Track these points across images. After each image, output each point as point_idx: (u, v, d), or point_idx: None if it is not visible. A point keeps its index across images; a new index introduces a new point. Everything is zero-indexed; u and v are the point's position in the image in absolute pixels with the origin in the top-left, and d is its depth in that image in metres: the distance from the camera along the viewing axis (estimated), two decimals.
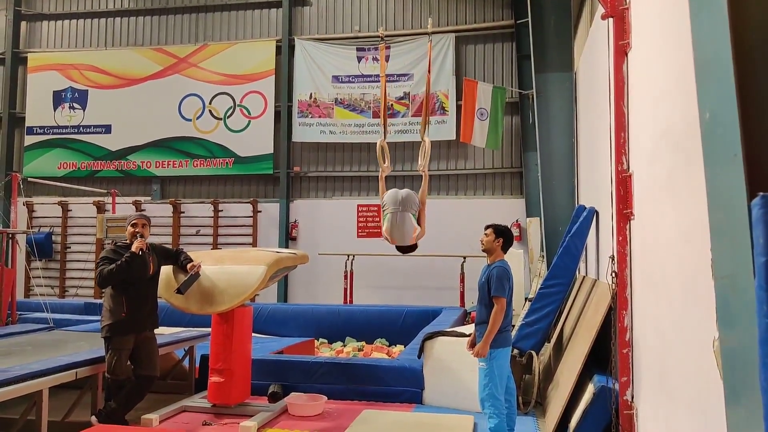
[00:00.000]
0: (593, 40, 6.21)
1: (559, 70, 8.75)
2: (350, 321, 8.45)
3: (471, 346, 4.21)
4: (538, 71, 9.10)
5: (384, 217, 4.62)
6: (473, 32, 11.76)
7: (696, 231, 2.50)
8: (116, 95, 12.83)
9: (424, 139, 5.05)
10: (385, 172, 5.04)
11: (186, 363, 5.72)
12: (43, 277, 11.51)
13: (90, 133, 12.90)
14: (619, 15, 3.95)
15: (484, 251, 4.24)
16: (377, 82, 11.65)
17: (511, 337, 4.24)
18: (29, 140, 13.11)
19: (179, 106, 12.59)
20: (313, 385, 5.42)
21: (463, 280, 9.96)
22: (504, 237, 4.18)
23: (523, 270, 8.62)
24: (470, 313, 8.41)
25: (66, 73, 13.06)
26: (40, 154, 13.05)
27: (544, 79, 9.00)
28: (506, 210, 10.93)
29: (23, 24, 13.54)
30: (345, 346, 7.92)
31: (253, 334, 5.55)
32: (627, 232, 3.97)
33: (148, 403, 4.90)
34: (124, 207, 11.47)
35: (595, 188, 6.14)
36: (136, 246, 4.40)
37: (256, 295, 5.74)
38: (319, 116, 12.03)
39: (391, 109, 11.65)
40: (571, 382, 4.50)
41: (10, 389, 3.63)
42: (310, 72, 12.12)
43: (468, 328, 5.59)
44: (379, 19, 12.04)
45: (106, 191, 11.21)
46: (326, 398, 5.14)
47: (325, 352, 7.77)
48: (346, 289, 10.43)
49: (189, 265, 4.70)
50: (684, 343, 2.76)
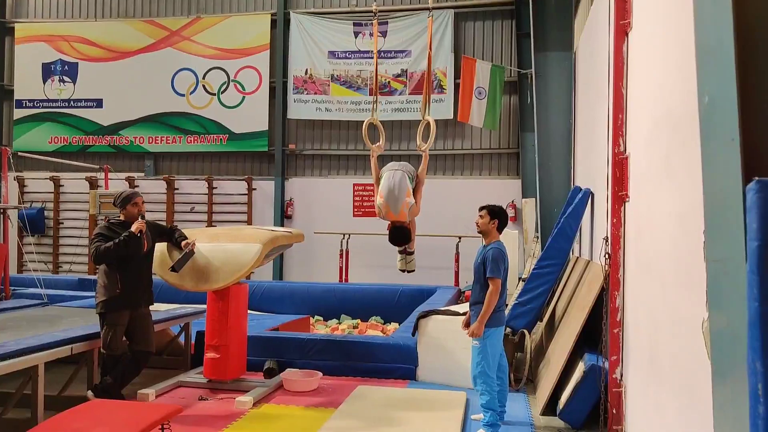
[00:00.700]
0: (594, 19, 6.14)
1: (558, 50, 8.66)
2: (345, 299, 8.51)
3: (466, 325, 4.26)
4: (538, 50, 9.00)
5: (380, 183, 4.58)
6: (473, 9, 11.59)
7: (689, 214, 2.51)
8: (107, 68, 12.61)
9: (426, 118, 4.94)
10: (377, 152, 4.93)
11: (182, 339, 5.76)
12: (36, 253, 11.46)
13: (81, 107, 12.72)
14: None
15: (479, 233, 4.26)
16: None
17: (505, 317, 4.29)
18: (18, 114, 12.91)
19: (172, 81, 12.41)
20: (308, 361, 5.48)
21: (458, 260, 10.02)
22: (499, 218, 4.19)
23: (518, 250, 8.67)
24: (464, 292, 8.48)
25: (55, 45, 12.80)
26: (30, 128, 12.86)
27: (544, 58, 8.91)
28: (502, 190, 10.93)
29: None
30: (340, 324, 7.99)
31: (249, 312, 5.58)
32: (621, 214, 3.99)
33: (145, 378, 4.95)
34: (117, 183, 11.38)
35: (591, 170, 6.14)
36: (136, 227, 4.39)
37: (251, 273, 5.76)
38: (315, 93, 11.90)
39: (388, 87, 11.54)
40: (563, 360, 4.57)
41: (5, 364, 3.65)
42: (305, 47, 11.95)
43: (462, 307, 5.65)
44: None
45: (98, 167, 11.11)
46: (321, 374, 5.20)
47: (321, 329, 7.84)
48: (341, 268, 10.47)
49: (183, 243, 4.70)
50: (674, 323, 2.81)
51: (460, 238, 9.97)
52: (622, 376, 3.88)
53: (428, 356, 5.38)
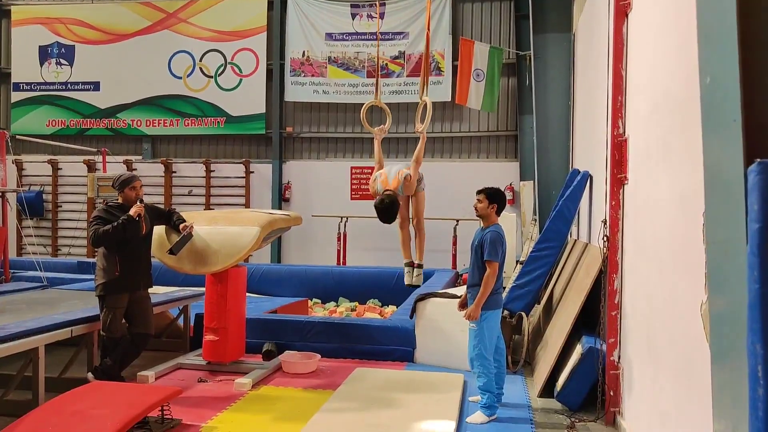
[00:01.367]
0: (593, 0, 6.06)
1: (557, 31, 8.56)
2: (343, 282, 8.53)
3: (462, 306, 4.28)
4: (536, 32, 8.90)
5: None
6: None
7: (689, 197, 2.50)
8: (104, 51, 12.48)
9: (423, 99, 4.94)
10: (380, 135, 4.95)
11: (181, 322, 5.78)
12: (35, 236, 11.45)
13: (78, 90, 12.60)
14: None
15: (478, 217, 4.25)
16: (372, 40, 11.38)
17: (502, 299, 4.30)
18: (16, 97, 12.79)
19: (169, 63, 12.29)
20: (306, 343, 5.51)
21: (455, 243, 10.03)
22: (498, 201, 4.18)
23: (516, 233, 8.68)
24: (462, 275, 8.51)
25: (52, 28, 12.64)
26: (28, 111, 12.76)
27: (542, 40, 8.81)
28: (500, 173, 10.91)
29: None
30: (338, 306, 8.03)
31: (248, 294, 5.60)
32: (620, 196, 3.99)
33: (144, 360, 4.98)
34: (114, 166, 11.32)
35: (589, 152, 6.12)
36: (134, 210, 4.38)
37: (249, 255, 5.76)
38: (312, 75, 11.80)
39: (386, 69, 11.43)
40: (560, 342, 4.60)
41: (6, 346, 3.66)
42: (302, 29, 11.81)
43: (459, 290, 5.66)
44: None
45: (96, 150, 11.04)
46: (320, 356, 5.24)
47: (319, 311, 7.88)
48: (339, 251, 10.49)
49: (182, 226, 4.69)
50: (671, 306, 2.82)
51: (457, 221, 9.98)
52: (619, 359, 3.91)
53: (426, 338, 5.41)
